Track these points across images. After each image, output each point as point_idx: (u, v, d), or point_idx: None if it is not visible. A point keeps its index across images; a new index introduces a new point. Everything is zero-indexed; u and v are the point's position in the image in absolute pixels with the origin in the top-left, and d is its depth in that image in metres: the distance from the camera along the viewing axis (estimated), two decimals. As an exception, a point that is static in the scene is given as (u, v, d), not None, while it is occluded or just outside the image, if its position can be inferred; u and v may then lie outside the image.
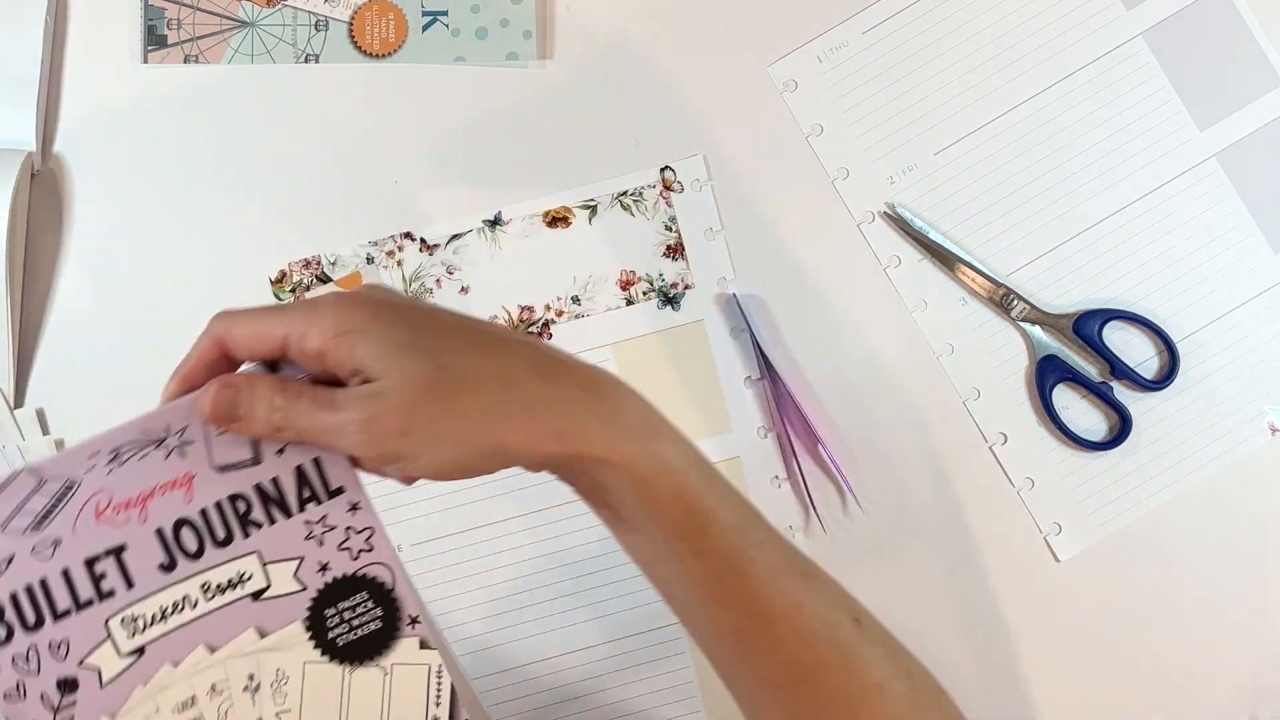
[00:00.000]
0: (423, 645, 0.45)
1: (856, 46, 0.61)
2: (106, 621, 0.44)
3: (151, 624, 0.44)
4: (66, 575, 0.43)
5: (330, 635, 0.45)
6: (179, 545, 0.44)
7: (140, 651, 0.44)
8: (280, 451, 0.43)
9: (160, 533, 0.44)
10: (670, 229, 0.60)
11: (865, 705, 0.42)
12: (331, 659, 0.45)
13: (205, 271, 0.60)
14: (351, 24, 0.61)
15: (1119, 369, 0.59)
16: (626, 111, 0.61)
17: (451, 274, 0.60)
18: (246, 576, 0.45)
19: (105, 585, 0.44)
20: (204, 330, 0.42)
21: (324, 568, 0.45)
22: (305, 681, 0.45)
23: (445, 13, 0.60)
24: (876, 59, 0.61)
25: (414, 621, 0.45)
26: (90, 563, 0.44)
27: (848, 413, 0.60)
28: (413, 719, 0.45)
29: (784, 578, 0.42)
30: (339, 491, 0.45)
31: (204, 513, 0.44)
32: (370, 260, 0.60)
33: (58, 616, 0.44)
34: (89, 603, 0.44)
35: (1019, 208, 0.60)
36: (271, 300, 0.60)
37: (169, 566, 0.44)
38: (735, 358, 0.60)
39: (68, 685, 0.44)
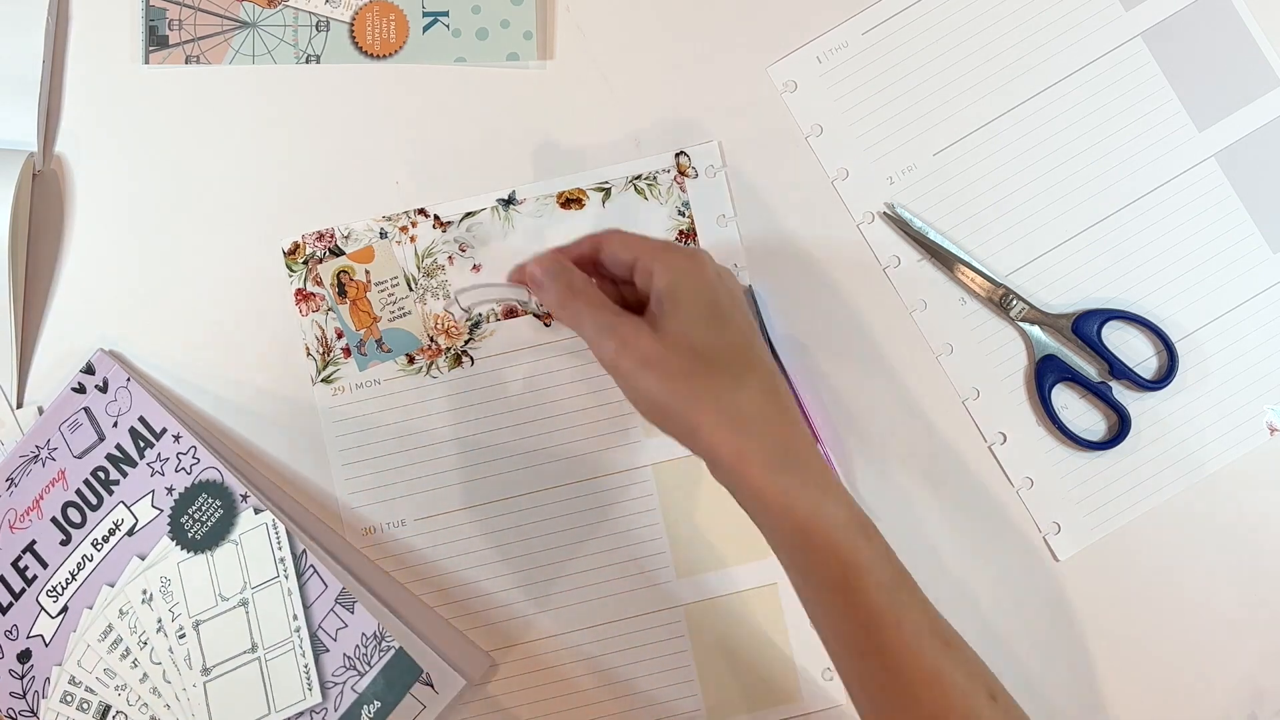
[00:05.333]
0: (256, 511, 0.57)
1: (856, 47, 0.61)
2: (37, 599, 0.57)
3: (66, 586, 0.58)
4: (2, 580, 0.58)
5: (190, 535, 0.57)
6: (69, 522, 0.58)
7: (65, 609, 0.57)
8: (115, 425, 0.58)
9: (54, 519, 0.58)
10: (683, 214, 0.60)
11: None
12: (196, 552, 0.57)
13: (208, 270, 0.60)
14: (352, 25, 0.61)
15: (1118, 369, 0.59)
16: (627, 112, 0.61)
17: (464, 251, 0.60)
18: (120, 521, 0.58)
19: (29, 574, 0.58)
20: (589, 235, 0.52)
21: (170, 490, 0.58)
22: (182, 577, 0.58)
23: (446, 13, 0.61)
24: (876, 59, 0.61)
25: (244, 497, 0.57)
26: (15, 563, 0.58)
27: (847, 411, 0.60)
28: (265, 567, 0.57)
29: (927, 641, 0.45)
30: (164, 432, 0.58)
31: (79, 491, 0.58)
32: (383, 235, 0.60)
33: (4, 611, 0.58)
34: (22, 591, 0.58)
35: (1018, 208, 0.61)
36: (284, 272, 0.60)
37: (66, 540, 0.58)
38: None
39: (24, 655, 0.58)
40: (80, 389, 0.58)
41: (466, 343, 0.60)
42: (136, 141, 0.61)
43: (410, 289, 0.60)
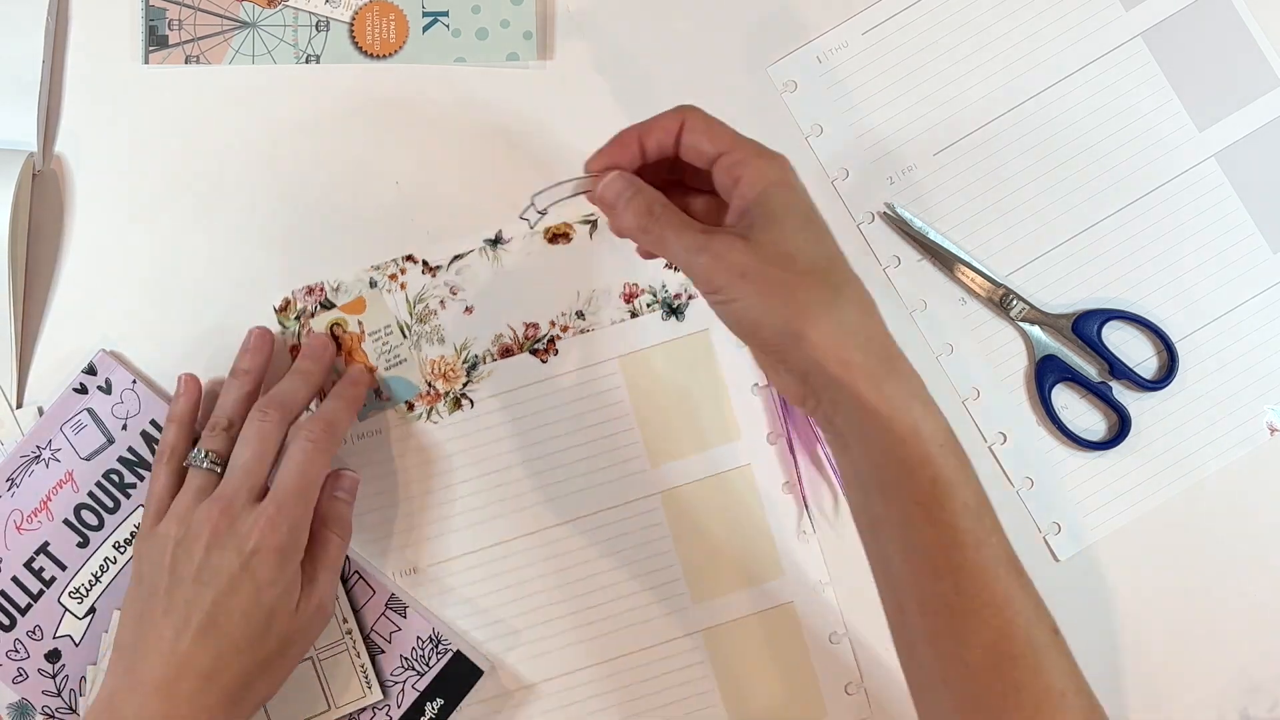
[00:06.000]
0: None
1: (856, 47, 0.61)
2: (59, 600, 0.57)
3: (91, 588, 0.57)
4: (16, 580, 0.57)
5: None
6: (84, 524, 0.57)
7: (93, 610, 0.57)
8: (124, 427, 0.57)
9: (67, 521, 0.57)
10: None
11: (1048, 708, 0.44)
12: None
13: (206, 269, 0.60)
14: (352, 25, 0.61)
15: (1118, 369, 0.59)
16: (627, 112, 0.61)
17: (455, 294, 0.59)
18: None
19: (46, 575, 0.57)
20: (671, 111, 0.49)
21: None
22: None
23: (446, 13, 0.61)
24: (876, 59, 0.61)
25: None
26: (29, 564, 0.57)
27: (848, 412, 0.60)
28: None
29: (1003, 569, 0.45)
30: None
31: (91, 493, 0.57)
32: (373, 284, 0.59)
33: (23, 612, 0.57)
34: (40, 592, 0.57)
35: (1018, 208, 0.61)
36: (275, 324, 0.59)
37: (84, 543, 0.57)
38: (742, 365, 0.60)
39: (52, 655, 0.57)
40: (82, 389, 0.58)
41: (465, 385, 0.59)
42: (136, 141, 0.60)
43: (404, 336, 0.59)
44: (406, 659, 0.57)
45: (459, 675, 0.57)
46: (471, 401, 0.59)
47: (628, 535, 0.59)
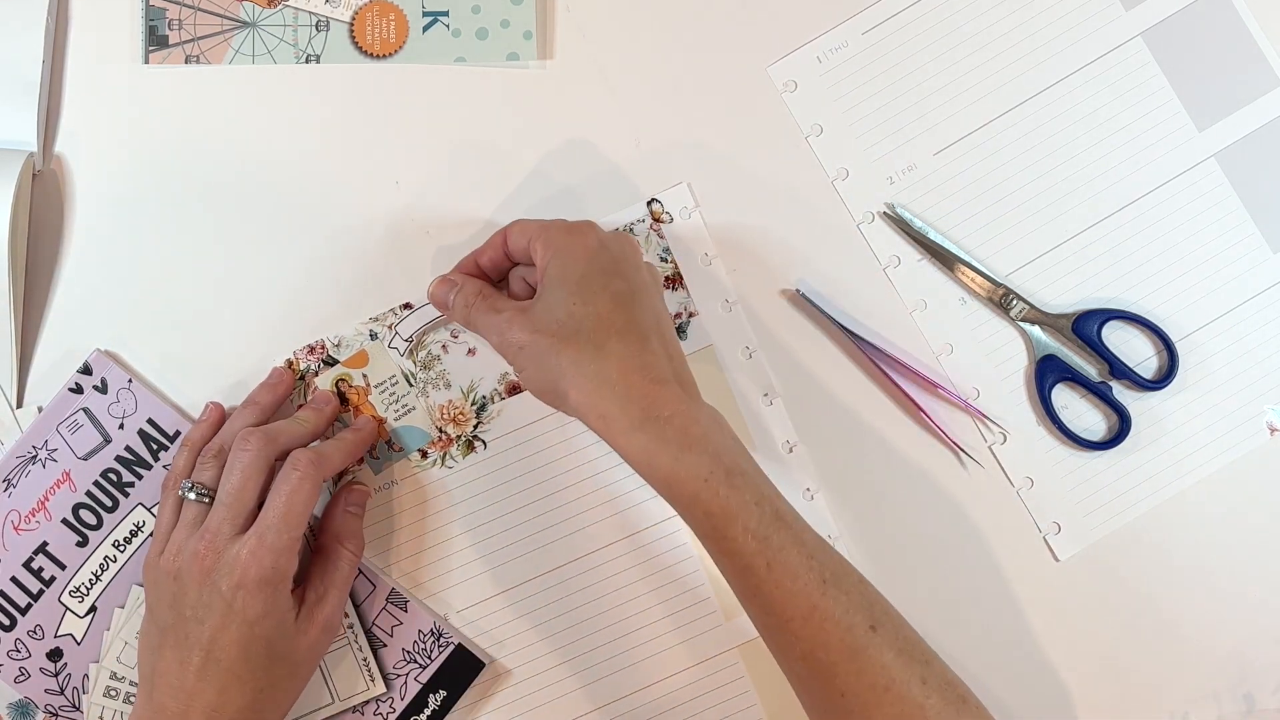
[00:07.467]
0: None
1: (856, 47, 0.61)
2: (59, 599, 0.57)
3: (91, 587, 0.57)
4: (15, 581, 0.57)
5: None
6: (82, 523, 0.57)
7: (94, 609, 0.57)
8: (121, 427, 0.58)
9: (66, 521, 0.57)
10: (666, 260, 0.60)
11: (876, 705, 0.46)
12: None
13: (205, 268, 0.60)
14: (352, 24, 0.61)
15: (1118, 369, 0.59)
16: (627, 111, 0.61)
17: (456, 337, 0.59)
18: (141, 523, 0.58)
19: (46, 575, 0.57)
20: (503, 228, 0.55)
21: None
22: None
23: (446, 13, 0.61)
24: (876, 59, 0.61)
25: None
26: (27, 564, 0.57)
27: (848, 411, 0.60)
28: None
29: (802, 580, 0.46)
30: (177, 434, 0.58)
31: (89, 493, 0.57)
32: (374, 336, 0.59)
33: (23, 612, 0.57)
34: (40, 592, 0.57)
35: (1018, 208, 0.61)
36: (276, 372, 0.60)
37: (83, 542, 0.57)
38: (749, 378, 0.59)
39: (54, 654, 0.57)
40: (78, 389, 0.58)
41: (476, 427, 0.59)
42: (136, 141, 0.60)
43: (410, 385, 0.59)
44: (409, 652, 0.57)
45: (461, 668, 0.57)
46: (484, 443, 0.59)
47: (653, 559, 0.59)
